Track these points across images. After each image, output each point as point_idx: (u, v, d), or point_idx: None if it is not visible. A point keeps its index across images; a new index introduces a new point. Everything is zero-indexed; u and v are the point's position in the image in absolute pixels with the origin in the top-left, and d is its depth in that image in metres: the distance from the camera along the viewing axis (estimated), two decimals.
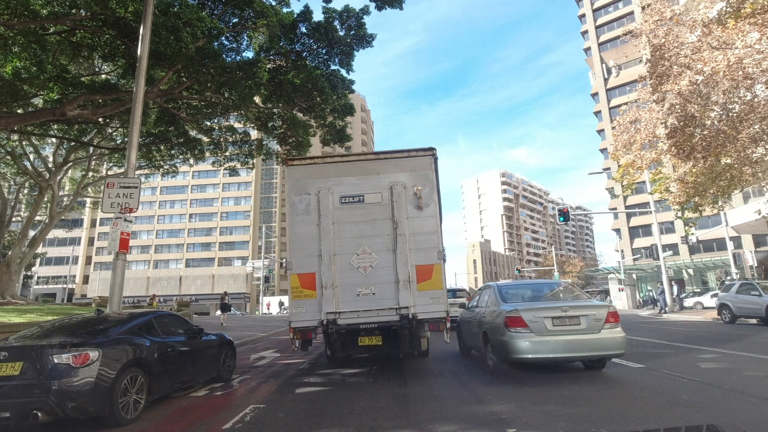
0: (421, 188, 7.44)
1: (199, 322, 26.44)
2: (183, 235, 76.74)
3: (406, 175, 7.54)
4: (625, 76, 71.23)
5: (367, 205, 7.44)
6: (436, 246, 7.28)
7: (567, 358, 6.56)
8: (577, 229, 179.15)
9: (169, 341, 5.81)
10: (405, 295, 7.04)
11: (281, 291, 74.33)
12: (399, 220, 7.32)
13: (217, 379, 7.19)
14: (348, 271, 7.19)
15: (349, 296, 7.12)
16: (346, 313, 7.06)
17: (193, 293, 72.52)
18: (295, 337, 7.29)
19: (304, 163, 7.87)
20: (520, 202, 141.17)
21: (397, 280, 7.10)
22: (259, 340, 15.96)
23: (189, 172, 79.03)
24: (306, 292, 7.15)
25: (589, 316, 6.50)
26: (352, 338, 7.28)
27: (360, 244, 7.27)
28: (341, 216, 7.40)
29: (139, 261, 76.10)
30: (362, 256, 7.23)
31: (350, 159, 7.96)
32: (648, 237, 65.23)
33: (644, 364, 7.64)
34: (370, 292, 7.13)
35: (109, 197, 9.18)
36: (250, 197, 77.27)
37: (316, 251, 7.22)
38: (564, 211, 27.00)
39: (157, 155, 20.54)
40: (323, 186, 7.49)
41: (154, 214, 78.01)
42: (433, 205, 7.45)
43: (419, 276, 7.15)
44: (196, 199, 78.00)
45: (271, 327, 21.60)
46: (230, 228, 76.24)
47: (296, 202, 7.51)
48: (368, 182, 7.53)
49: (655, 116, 16.64)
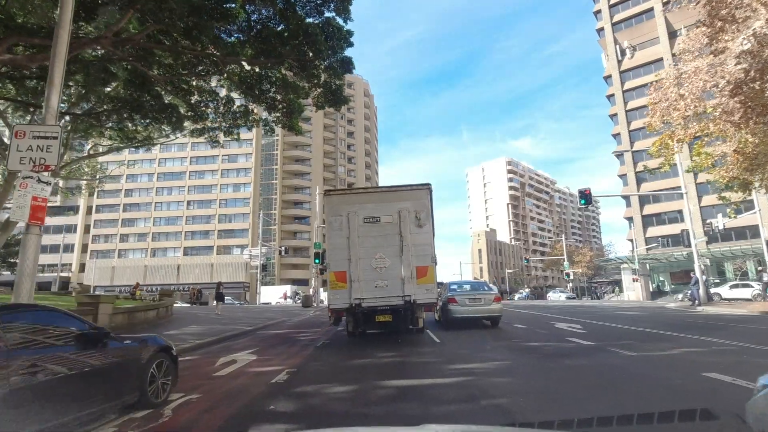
0: (420, 212, 10.17)
1: (193, 312, 24.61)
2: (181, 222, 74.63)
3: (410, 203, 10.25)
4: (641, 58, 68.01)
5: (382, 224, 10.14)
6: (430, 253, 10.12)
7: (476, 318, 13.29)
8: (584, 219, 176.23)
9: (29, 355, 3.47)
10: (408, 287, 9.84)
11: (283, 280, 72.40)
12: (404, 235, 10.04)
13: (140, 405, 4.84)
14: (368, 270, 9.92)
15: (370, 287, 9.86)
16: (367, 299, 9.84)
17: (192, 282, 70.66)
18: (331, 315, 10.48)
19: (338, 193, 11.72)
20: (526, 191, 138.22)
21: (403, 277, 9.87)
22: (241, 335, 13.74)
23: (187, 158, 76.82)
24: (340, 284, 9.87)
25: (486, 298, 13.52)
26: (371, 316, 10.02)
27: (377, 251, 9.99)
28: (364, 231, 10.09)
29: (137, 249, 74.17)
30: (378, 259, 9.95)
31: (370, 191, 11.92)
32: (662, 226, 62.64)
33: None
34: (384, 285, 9.88)
35: (18, 150, 6.80)
36: (250, 184, 74.93)
37: (346, 256, 9.94)
38: (586, 192, 24.50)
39: (129, 125, 18.07)
40: (351, 210, 10.14)
41: (151, 201, 75.83)
42: (428, 224, 10.22)
43: (418, 274, 9.91)
44: (194, 186, 75.73)
45: (262, 319, 19.39)
46: (229, 215, 74.05)
47: (332, 221, 10.26)
48: (383, 207, 10.24)
49: (702, 78, 14.14)
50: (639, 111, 66.35)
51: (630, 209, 66.34)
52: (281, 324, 18.10)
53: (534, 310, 25.81)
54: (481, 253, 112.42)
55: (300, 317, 22.24)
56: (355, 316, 10.09)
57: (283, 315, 23.15)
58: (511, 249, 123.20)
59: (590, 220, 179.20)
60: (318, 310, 28.96)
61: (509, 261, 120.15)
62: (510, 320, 15.95)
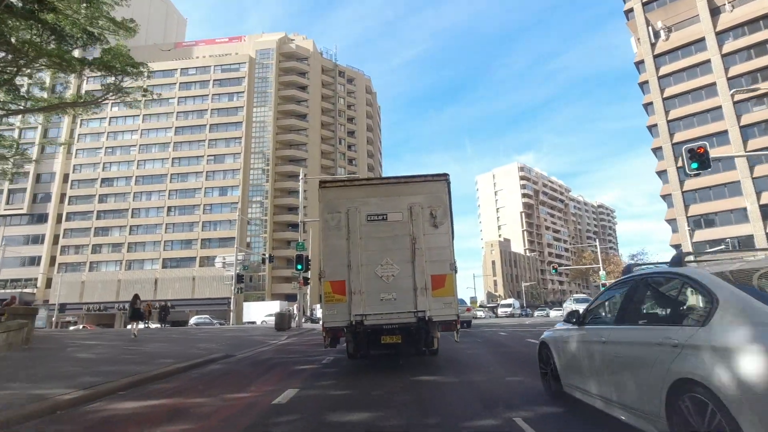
0: (436, 208, 8.56)
1: (102, 335, 15.54)
2: (160, 231, 66.42)
3: (423, 197, 8.65)
4: (677, 39, 59.90)
5: (390, 223, 8.57)
6: (448, 259, 8.44)
7: None
8: (600, 229, 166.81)
9: None
10: (422, 300, 8.09)
11: (275, 295, 63.74)
12: (417, 236, 8.43)
13: None
14: (373, 279, 8.29)
15: (374, 301, 8.18)
16: (371, 315, 8.11)
17: (171, 298, 62.11)
18: (325, 336, 8.34)
19: (336, 185, 9.39)
20: (540, 199, 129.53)
21: (415, 288, 8.16)
22: (121, 393, 5.13)
23: (168, 158, 69.06)
24: (337, 297, 8.22)
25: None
26: (376, 337, 8.39)
27: (383, 256, 8.38)
28: (367, 231, 8.52)
29: (110, 261, 65.84)
30: (385, 266, 8.33)
31: (375, 182, 9.53)
32: (712, 228, 53.69)
33: None
34: (392, 298, 8.21)
35: None
36: (238, 187, 66.87)
37: (345, 262, 8.30)
38: (698, 151, 15.89)
39: None
40: (352, 205, 8.58)
41: (128, 207, 67.80)
42: (446, 223, 8.59)
43: (434, 284, 8.24)
44: (175, 190, 67.74)
45: (197, 352, 10.95)
46: (214, 222, 65.81)
47: (328, 219, 8.58)
48: (390, 203, 8.66)
49: None
50: (680, 98, 58.25)
51: (672, 210, 57.60)
52: (220, 361, 10.24)
53: None
54: (494, 265, 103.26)
55: (259, 348, 13.83)
56: (356, 337, 8.49)
57: (237, 343, 14.69)
58: (526, 260, 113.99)
59: (606, 230, 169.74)
60: (298, 333, 20.38)
61: (525, 273, 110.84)
62: None
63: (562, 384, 4.98)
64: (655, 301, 3.92)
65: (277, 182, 68.75)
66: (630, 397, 3.48)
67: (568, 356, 4.89)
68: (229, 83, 71.55)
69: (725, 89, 52.97)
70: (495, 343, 13.54)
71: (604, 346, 3.96)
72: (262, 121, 70.06)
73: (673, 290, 3.56)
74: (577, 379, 4.60)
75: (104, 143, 70.31)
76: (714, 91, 54.79)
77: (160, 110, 71.35)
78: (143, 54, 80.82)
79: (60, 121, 72.67)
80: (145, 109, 71.46)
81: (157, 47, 78.18)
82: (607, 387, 3.89)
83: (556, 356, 5.22)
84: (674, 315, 3.46)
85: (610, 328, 4.05)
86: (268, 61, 72.87)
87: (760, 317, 2.52)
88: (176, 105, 71.39)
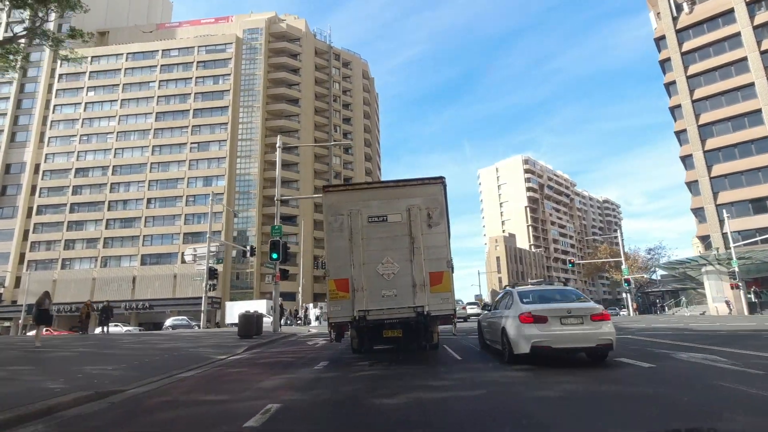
0: (433, 210, 9.19)
1: (20, 342, 10.57)
2: (139, 224, 61.01)
3: (421, 199, 9.26)
4: (702, 12, 54.65)
5: (390, 224, 9.14)
6: (445, 257, 9.10)
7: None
8: (605, 225, 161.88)
9: None
10: (420, 296, 8.77)
11: (264, 294, 58.39)
12: (415, 236, 9.02)
13: None
14: (374, 277, 8.87)
15: (376, 297, 8.79)
16: (373, 311, 8.72)
17: (150, 298, 56.84)
18: (331, 331, 9.19)
19: (338, 189, 10.09)
20: (545, 193, 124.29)
21: (414, 284, 8.81)
22: None
23: (148, 146, 63.59)
24: (341, 294, 8.81)
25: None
26: (378, 331, 9.01)
27: (384, 255, 8.95)
28: (368, 232, 9.09)
29: (84, 258, 60.41)
30: (386, 265, 8.91)
31: (375, 186, 11.50)
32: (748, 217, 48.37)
33: None
34: (393, 294, 8.82)
35: None
36: (224, 176, 61.52)
37: (348, 261, 8.90)
38: None
39: None
40: (353, 208, 9.16)
41: (103, 199, 62.35)
42: (442, 223, 9.24)
43: (432, 281, 8.86)
44: (156, 181, 62.31)
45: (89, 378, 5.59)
46: (198, 215, 60.42)
47: (332, 222, 9.18)
48: (390, 205, 9.24)
49: None
50: (706, 76, 53.09)
51: (699, 198, 52.36)
52: (58, 416, 4.60)
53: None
54: (499, 261, 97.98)
55: (182, 373, 8.67)
56: (359, 331, 9.32)
57: (161, 363, 9.56)
58: (532, 257, 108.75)
59: (612, 226, 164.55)
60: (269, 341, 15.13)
61: (530, 270, 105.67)
62: None
63: (484, 339, 10.69)
64: (502, 300, 9.52)
65: (266, 171, 63.39)
66: (496, 338, 8.92)
67: (484, 325, 10.65)
68: (214, 65, 66.11)
69: (758, 64, 47.87)
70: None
71: (490, 319, 9.75)
72: (250, 106, 64.62)
73: (507, 296, 9.17)
74: (487, 335, 10.25)
75: (79, 130, 64.82)
76: (745, 66, 49.66)
77: (139, 94, 65.91)
78: (122, 36, 75.37)
79: (32, 108, 67.28)
80: (124, 93, 66.11)
81: (138, 28, 72.73)
82: (491, 336, 9.57)
83: (481, 326, 11.11)
84: (505, 304, 8.93)
85: (492, 311, 9.97)
86: (256, 42, 67.43)
87: (519, 304, 8.14)
88: (157, 89, 65.93)
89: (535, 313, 7.59)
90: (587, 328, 7.44)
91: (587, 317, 7.52)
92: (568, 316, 7.53)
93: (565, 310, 7.60)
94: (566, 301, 8.22)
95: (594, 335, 7.38)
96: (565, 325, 7.46)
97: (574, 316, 7.52)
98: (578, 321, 7.49)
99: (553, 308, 7.70)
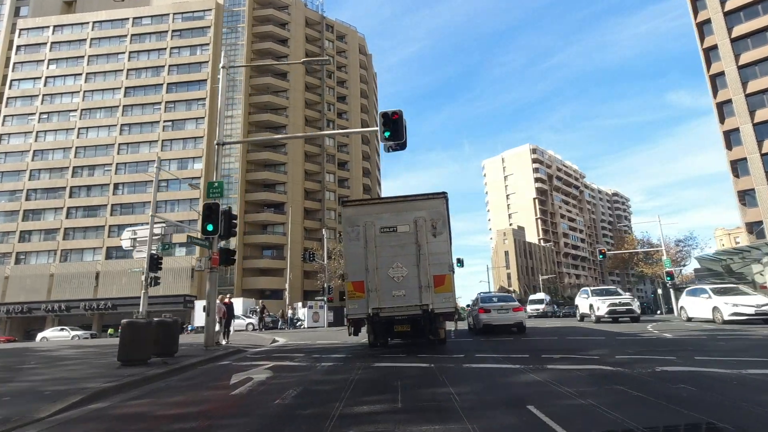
0: (436, 221, 10.86)
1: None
2: (104, 213, 53.70)
3: (426, 211, 10.97)
4: None
5: (399, 233, 10.88)
6: (447, 262, 10.82)
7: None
8: (614, 219, 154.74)
9: None
10: (426, 296, 10.48)
11: (246, 291, 51.21)
12: (421, 244, 10.73)
13: None
14: (386, 279, 10.64)
15: (387, 297, 10.55)
16: (385, 308, 10.51)
17: (115, 296, 49.56)
18: (349, 325, 11.20)
19: (355, 204, 12.04)
20: (554, 185, 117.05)
21: (420, 286, 10.54)
22: None
23: (116, 125, 56.21)
24: (358, 294, 10.63)
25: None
26: (390, 326, 10.77)
27: (394, 260, 10.70)
28: (381, 241, 10.85)
29: (41, 252, 53.08)
30: (396, 269, 10.64)
31: (386, 201, 11.98)
32: None
33: None
34: (402, 294, 10.54)
35: None
36: (201, 158, 54.21)
37: (363, 266, 10.71)
38: None
39: None
40: (368, 220, 10.96)
41: (65, 185, 54.98)
42: (445, 232, 10.92)
43: (436, 283, 10.52)
44: (124, 164, 54.98)
45: None
46: (172, 202, 53.13)
47: (349, 231, 10.98)
48: (399, 217, 11.01)
49: None
50: (754, 38, 45.84)
51: (748, 179, 45.15)
52: None
53: None
54: (508, 255, 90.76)
55: None
56: (374, 326, 10.77)
57: None
58: (542, 251, 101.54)
59: (622, 220, 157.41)
60: (168, 370, 7.79)
61: (541, 265, 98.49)
62: None
63: (473, 328, 18.02)
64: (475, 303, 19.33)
65: (250, 153, 56.07)
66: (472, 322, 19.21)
67: (472, 316, 18.85)
68: (191, 34, 58.73)
69: None
70: None
71: (471, 312, 20.34)
72: (231, 80, 57.24)
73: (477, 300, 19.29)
74: (469, 321, 20.57)
75: (38, 108, 57.45)
76: None
77: (107, 67, 58.51)
78: (91, 5, 68.11)
79: None
80: (90, 66, 58.68)
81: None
82: (472, 321, 18.86)
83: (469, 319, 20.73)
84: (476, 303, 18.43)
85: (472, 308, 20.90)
86: (239, 8, 60.07)
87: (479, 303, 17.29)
88: (127, 61, 58.54)
89: (485, 307, 15.95)
90: (510, 315, 15.75)
91: (510, 309, 15.84)
92: (500, 309, 15.82)
93: (499, 306, 15.96)
94: (502, 301, 16.84)
95: (513, 317, 15.78)
96: (500, 313, 15.70)
97: (504, 309, 15.81)
98: (506, 311, 15.76)
99: (493, 305, 16.08)
